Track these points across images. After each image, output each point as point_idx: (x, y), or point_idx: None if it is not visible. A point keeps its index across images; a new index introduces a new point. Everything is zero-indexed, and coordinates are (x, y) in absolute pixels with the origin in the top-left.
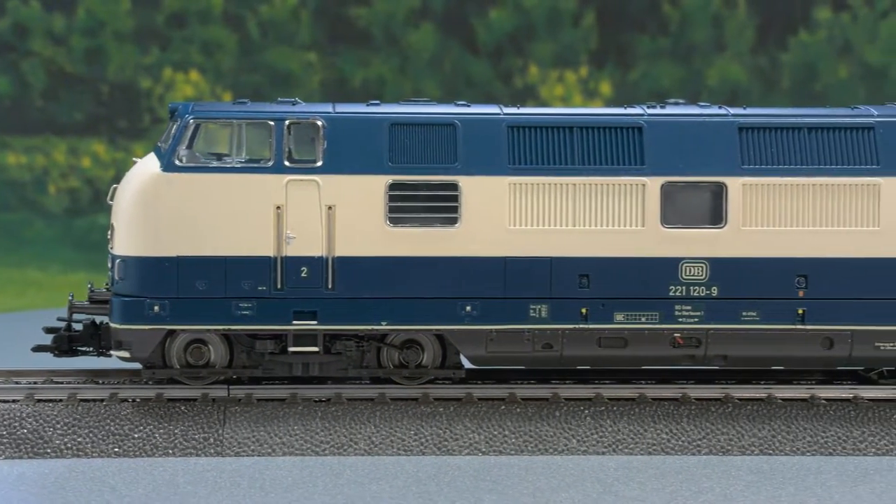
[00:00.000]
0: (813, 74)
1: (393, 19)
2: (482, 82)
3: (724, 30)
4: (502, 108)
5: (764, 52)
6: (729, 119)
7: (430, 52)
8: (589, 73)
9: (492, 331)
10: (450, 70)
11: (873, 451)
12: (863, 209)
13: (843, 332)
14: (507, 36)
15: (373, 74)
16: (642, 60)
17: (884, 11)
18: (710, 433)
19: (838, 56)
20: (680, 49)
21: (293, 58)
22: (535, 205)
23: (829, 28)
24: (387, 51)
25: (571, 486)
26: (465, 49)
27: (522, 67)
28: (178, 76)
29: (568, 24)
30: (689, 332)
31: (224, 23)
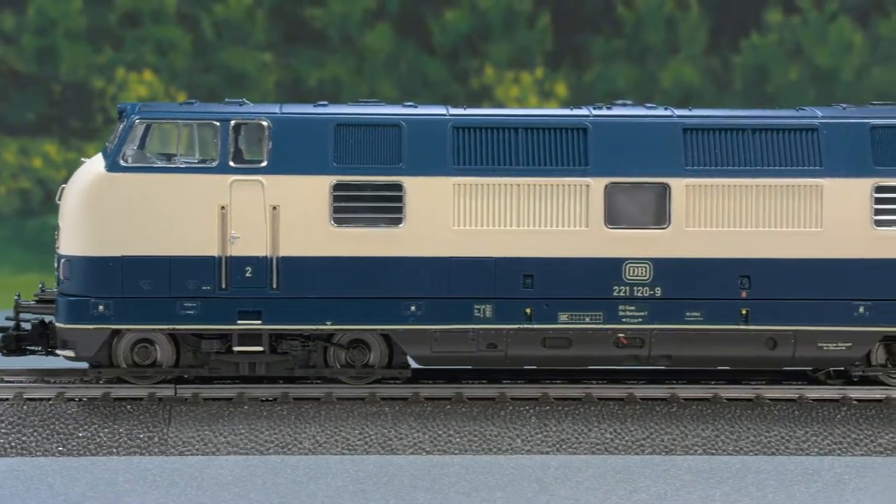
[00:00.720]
0: (764, 76)
1: (348, 20)
2: (438, 83)
3: (678, 32)
4: (449, 109)
5: (716, 54)
6: (673, 120)
7: (385, 53)
8: (544, 75)
9: (436, 331)
10: (406, 71)
11: (816, 451)
12: (805, 210)
13: (786, 332)
14: (463, 37)
15: (328, 75)
16: (597, 62)
17: (832, 14)
18: (654, 433)
19: (789, 58)
20: (634, 51)
21: (248, 58)
22: (479, 205)
23: (780, 31)
24: (342, 51)
25: (508, 485)
26: (422, 50)
27: (478, 68)
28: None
29: (523, 25)
30: (633, 333)
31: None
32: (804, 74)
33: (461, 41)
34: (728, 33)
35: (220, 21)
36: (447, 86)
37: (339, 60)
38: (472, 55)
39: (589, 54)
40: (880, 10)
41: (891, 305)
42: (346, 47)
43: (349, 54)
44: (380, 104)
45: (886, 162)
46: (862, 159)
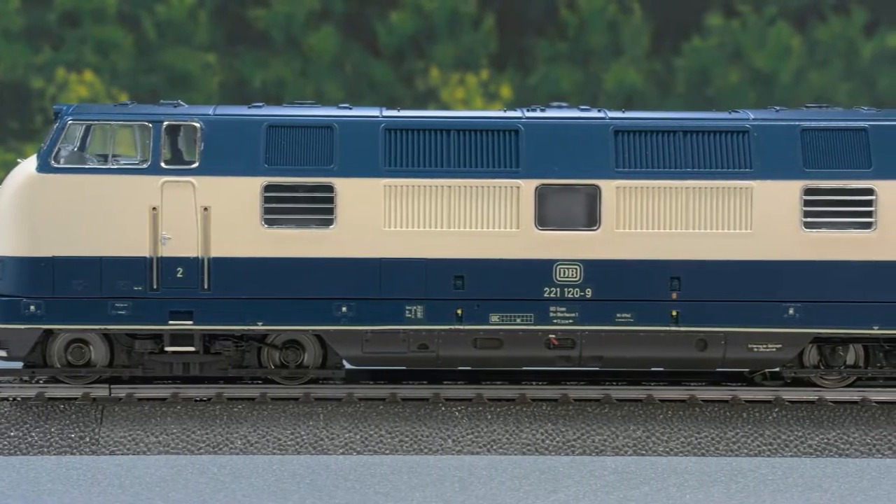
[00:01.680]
0: (706, 79)
1: (293, 21)
2: (384, 85)
3: (621, 35)
4: (382, 110)
5: (659, 57)
6: (605, 122)
7: (330, 55)
8: (489, 76)
9: (367, 331)
10: (351, 72)
11: (745, 452)
12: (736, 212)
13: (717, 333)
14: (408, 38)
15: (273, 76)
16: (542, 64)
17: (771, 18)
18: (586, 433)
19: (729, 61)
20: (578, 53)
21: (191, 59)
22: (410, 207)
23: (721, 34)
24: (287, 53)
25: (430, 485)
26: (367, 51)
27: (424, 70)
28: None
29: (468, 27)
30: (564, 334)
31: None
32: (744, 77)
33: (406, 43)
34: (670, 37)
35: (163, 21)
36: (393, 87)
37: (283, 62)
38: (418, 57)
39: (533, 57)
40: (817, 15)
41: (820, 307)
42: (290, 48)
43: (294, 55)
44: (315, 106)
45: (816, 164)
46: (792, 162)
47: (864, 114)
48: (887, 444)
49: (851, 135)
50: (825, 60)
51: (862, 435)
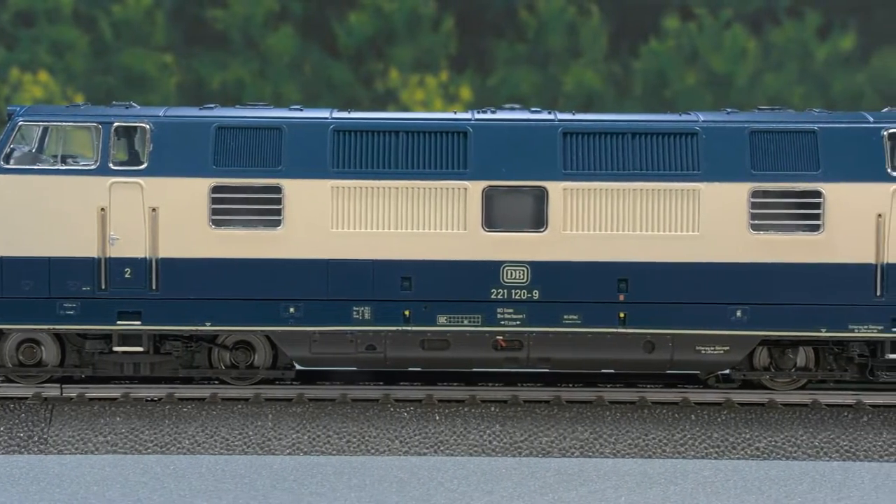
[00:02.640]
0: (663, 81)
1: (251, 22)
2: (343, 86)
3: (579, 37)
4: (332, 112)
5: (617, 59)
6: (553, 124)
7: (289, 56)
8: (449, 78)
9: (315, 332)
10: (310, 73)
11: (692, 455)
12: (683, 214)
13: (664, 335)
14: (368, 40)
15: (231, 77)
16: (501, 66)
17: (727, 21)
18: (533, 435)
19: (686, 64)
20: (537, 55)
21: (148, 59)
22: (357, 208)
23: (678, 37)
24: (245, 53)
25: (368, 486)
26: (326, 52)
27: (383, 71)
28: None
29: (427, 28)
30: (511, 335)
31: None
32: (701, 80)
33: (366, 44)
34: (628, 39)
35: (119, 22)
36: (352, 89)
37: (241, 62)
38: (377, 58)
39: (493, 58)
40: (772, 19)
41: (768, 309)
42: (248, 49)
43: (252, 56)
44: (266, 108)
45: (764, 167)
46: (740, 164)
47: (814, 116)
48: (834, 448)
49: (800, 137)
50: (780, 63)
51: (810, 438)
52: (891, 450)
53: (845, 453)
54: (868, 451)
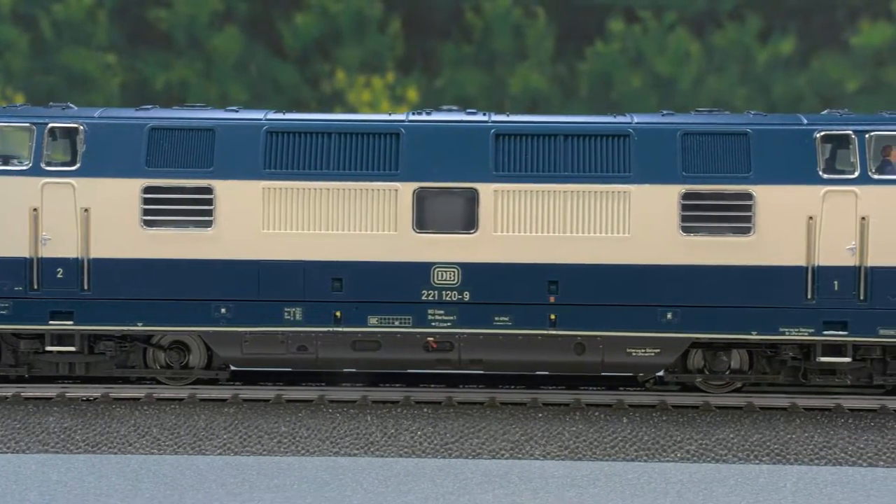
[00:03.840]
0: (609, 83)
1: (196, 22)
2: (289, 87)
3: (525, 39)
4: (267, 113)
5: (563, 62)
6: (486, 125)
7: (235, 56)
8: (396, 79)
9: (246, 333)
10: (256, 74)
11: (621, 457)
12: (613, 216)
13: (594, 337)
14: (314, 41)
15: (176, 78)
16: (448, 67)
17: (671, 24)
18: (464, 436)
19: (631, 66)
20: (483, 57)
21: (90, 59)
22: (289, 209)
23: (623, 39)
24: (190, 54)
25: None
26: (272, 53)
27: (330, 72)
28: None
29: (374, 30)
30: (442, 336)
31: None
32: (646, 82)
33: (312, 45)
34: (573, 41)
35: (60, 21)
36: (298, 90)
37: (186, 63)
38: (324, 59)
39: (439, 60)
40: (714, 22)
41: (699, 312)
42: (193, 49)
43: (197, 57)
44: (205, 109)
45: (695, 169)
46: (671, 166)
47: (748, 118)
48: (765, 451)
49: (732, 139)
50: (722, 66)
51: (741, 440)
52: (821, 453)
53: (775, 456)
54: (798, 454)
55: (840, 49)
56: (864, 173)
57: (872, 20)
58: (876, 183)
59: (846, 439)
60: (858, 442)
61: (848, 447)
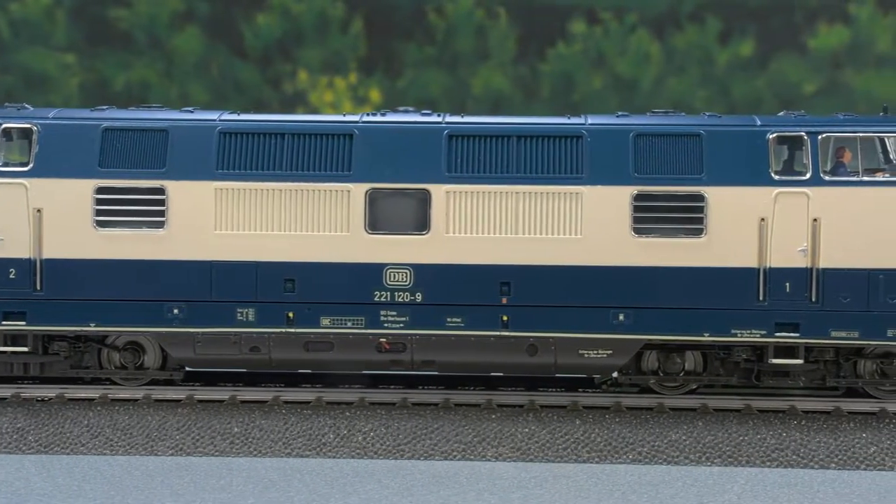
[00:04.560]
0: (570, 85)
1: (156, 21)
2: (251, 87)
3: (487, 40)
4: (222, 114)
5: (525, 63)
6: (439, 126)
7: (196, 56)
8: (358, 80)
9: (199, 333)
10: (217, 74)
11: (573, 459)
12: (566, 217)
13: (546, 339)
14: (276, 41)
15: (136, 78)
16: (410, 68)
17: (632, 26)
18: (417, 437)
19: (593, 67)
20: (446, 58)
21: (49, 59)
22: (241, 210)
23: (584, 41)
24: (150, 54)
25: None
26: (233, 53)
27: (292, 73)
28: None
29: (336, 30)
30: (395, 338)
31: None
32: (607, 83)
33: (274, 45)
34: (535, 42)
35: (17, 20)
36: (260, 90)
37: (146, 63)
38: (285, 60)
39: (402, 60)
40: (675, 24)
41: (651, 313)
42: (153, 49)
43: (157, 57)
44: (161, 110)
45: (647, 170)
46: (623, 167)
47: (701, 119)
48: (717, 452)
49: (685, 140)
50: (683, 67)
51: (694, 442)
52: (773, 455)
53: (727, 458)
54: (750, 455)
55: (798, 51)
56: (817, 175)
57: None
58: (828, 185)
59: (798, 441)
60: (811, 444)
61: (800, 449)
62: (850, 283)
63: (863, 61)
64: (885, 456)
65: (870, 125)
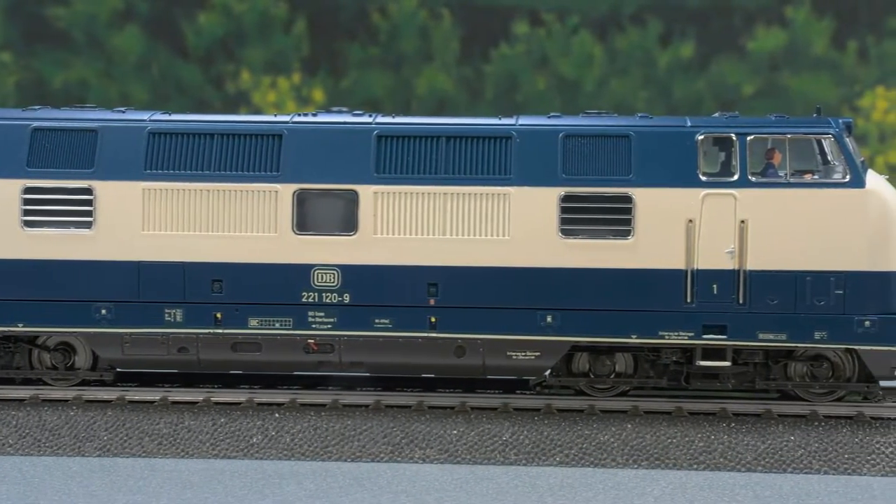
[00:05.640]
0: (514, 85)
1: (95, 20)
2: (193, 87)
3: (431, 41)
4: (153, 115)
5: (469, 64)
6: (369, 127)
7: (136, 56)
8: (302, 80)
9: (127, 334)
10: (158, 74)
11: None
12: (494, 218)
13: (474, 340)
14: (218, 41)
15: (74, 77)
16: (354, 68)
17: (574, 27)
18: (346, 439)
19: (536, 68)
20: (390, 58)
21: None
22: (169, 210)
23: (528, 42)
24: (89, 53)
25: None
26: (175, 53)
27: (234, 73)
28: None
29: (279, 30)
30: (323, 339)
31: None
32: (551, 84)
33: (216, 45)
34: (479, 43)
35: None
36: (202, 90)
37: (85, 62)
38: (228, 59)
39: (346, 61)
40: (617, 25)
41: (578, 315)
42: (92, 48)
43: (96, 56)
44: (93, 110)
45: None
46: (551, 168)
47: (632, 120)
48: (644, 454)
49: (614, 142)
50: (625, 69)
51: (621, 444)
52: (700, 457)
53: (654, 460)
54: (677, 458)
55: (737, 54)
56: (744, 176)
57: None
58: (755, 186)
59: (726, 444)
60: (738, 447)
61: (727, 452)
62: (777, 284)
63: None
64: (812, 459)
65: (799, 127)
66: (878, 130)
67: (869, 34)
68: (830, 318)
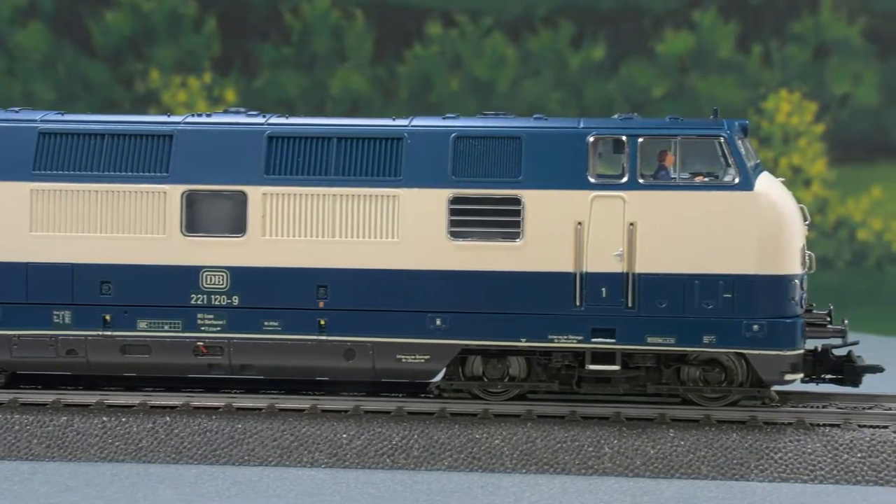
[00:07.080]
0: (428, 86)
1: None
2: (100, 86)
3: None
4: (45, 115)
5: (382, 64)
6: (260, 128)
7: (41, 54)
8: (213, 80)
9: (15, 336)
10: (64, 73)
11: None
12: (383, 220)
13: (364, 343)
14: (126, 39)
15: None
16: (266, 68)
17: (488, 29)
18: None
19: (450, 69)
20: (303, 58)
21: None
22: (57, 211)
23: (441, 43)
24: None
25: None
26: (81, 51)
27: (143, 72)
28: None
29: (189, 29)
30: (212, 341)
31: None
32: (465, 85)
33: (124, 43)
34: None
35: None
36: (110, 89)
37: None
38: (137, 58)
39: (258, 61)
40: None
41: (468, 318)
42: None
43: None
44: None
45: (465, 173)
46: (441, 169)
47: (525, 122)
48: (533, 459)
49: (505, 143)
50: (538, 70)
51: (511, 449)
52: (589, 462)
53: (543, 465)
54: (565, 463)
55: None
56: (633, 178)
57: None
58: (644, 188)
59: (616, 448)
60: (627, 452)
61: (616, 457)
62: (666, 288)
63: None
64: (701, 464)
65: (691, 129)
66: (782, 132)
67: (772, 38)
68: (719, 321)
